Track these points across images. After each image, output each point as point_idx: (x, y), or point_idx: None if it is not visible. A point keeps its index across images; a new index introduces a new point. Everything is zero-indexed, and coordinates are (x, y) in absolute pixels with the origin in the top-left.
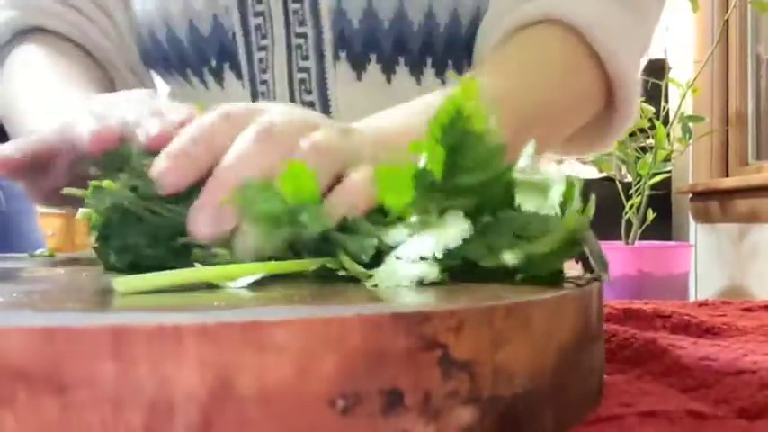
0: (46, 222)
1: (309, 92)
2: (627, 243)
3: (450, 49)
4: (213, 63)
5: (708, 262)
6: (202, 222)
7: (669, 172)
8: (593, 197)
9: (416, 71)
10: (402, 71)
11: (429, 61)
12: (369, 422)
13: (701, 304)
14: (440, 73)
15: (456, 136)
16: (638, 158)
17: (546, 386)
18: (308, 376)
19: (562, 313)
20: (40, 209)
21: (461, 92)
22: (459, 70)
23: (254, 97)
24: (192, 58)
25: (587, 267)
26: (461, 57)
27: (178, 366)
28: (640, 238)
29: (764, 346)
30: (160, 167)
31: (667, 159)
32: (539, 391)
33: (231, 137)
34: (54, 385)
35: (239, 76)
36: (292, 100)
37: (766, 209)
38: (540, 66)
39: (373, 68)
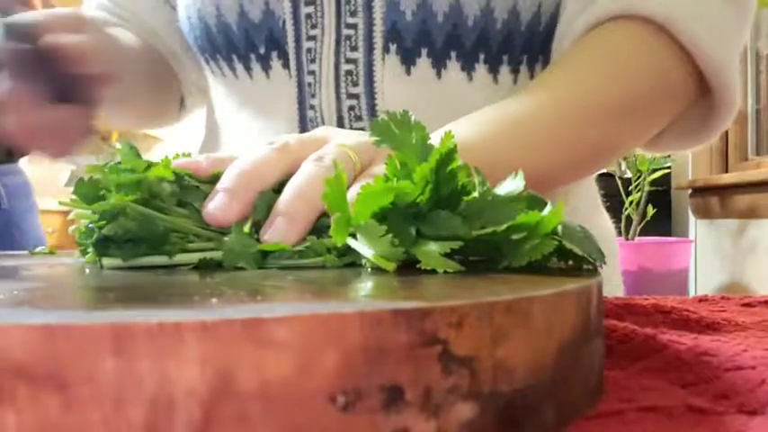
0: (46, 220)
1: (356, 84)
2: (627, 239)
3: (506, 46)
4: (261, 50)
5: (707, 257)
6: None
7: (669, 168)
8: (561, 203)
9: (468, 67)
10: (453, 66)
11: (482, 57)
12: (369, 418)
13: (701, 300)
14: (492, 69)
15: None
16: (637, 154)
17: (546, 382)
18: (309, 373)
19: (562, 309)
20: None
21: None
22: (515, 67)
23: (300, 87)
24: (241, 45)
25: (577, 260)
26: (518, 54)
27: (179, 363)
28: (640, 234)
29: (764, 341)
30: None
31: (667, 155)
32: (539, 387)
33: (281, 170)
34: (55, 383)
35: (286, 65)
36: (338, 91)
37: (766, 204)
38: (615, 62)
39: (423, 63)
